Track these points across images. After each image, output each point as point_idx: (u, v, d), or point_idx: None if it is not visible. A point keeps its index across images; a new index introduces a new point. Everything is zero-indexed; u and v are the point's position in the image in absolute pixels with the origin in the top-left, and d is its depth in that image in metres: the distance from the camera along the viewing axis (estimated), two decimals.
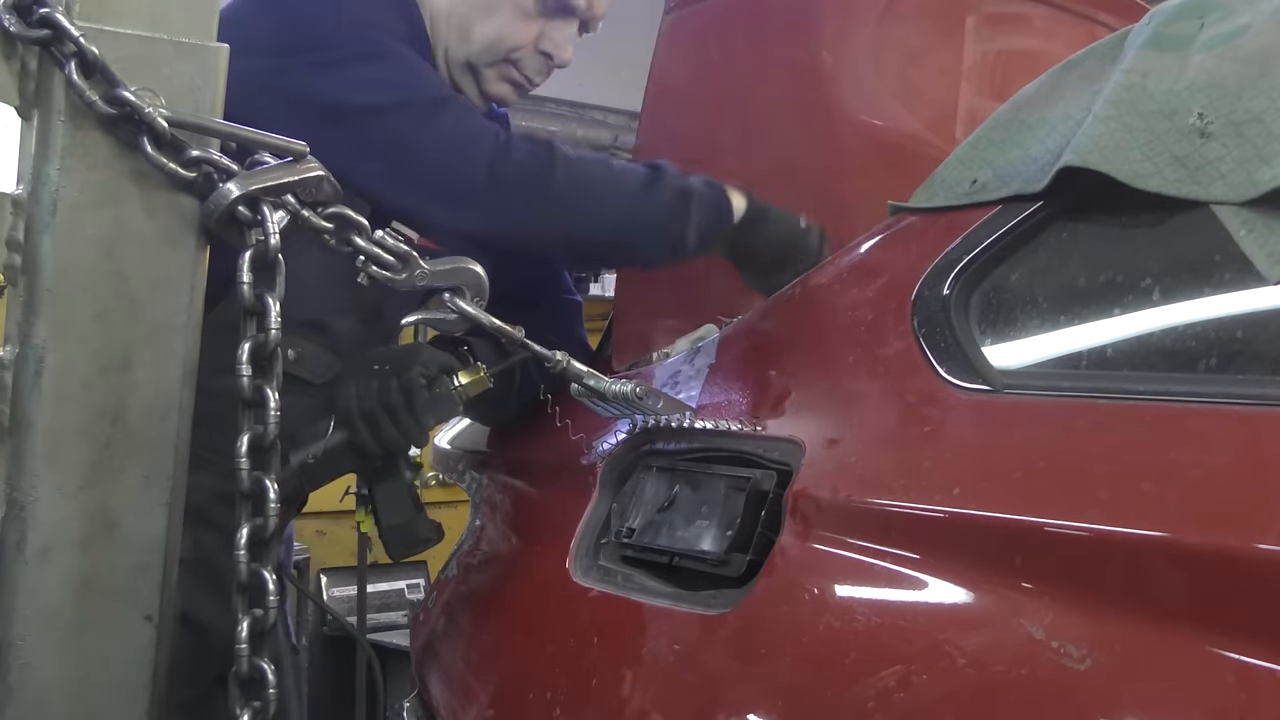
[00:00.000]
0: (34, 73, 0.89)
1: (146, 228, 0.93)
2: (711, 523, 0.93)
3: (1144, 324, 0.82)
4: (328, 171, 0.98)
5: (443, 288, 1.08)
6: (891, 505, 0.80)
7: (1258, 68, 0.81)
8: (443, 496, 3.99)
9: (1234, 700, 0.57)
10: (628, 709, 0.90)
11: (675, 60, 1.62)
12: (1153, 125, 0.84)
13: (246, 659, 0.95)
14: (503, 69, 1.45)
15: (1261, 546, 0.58)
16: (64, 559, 0.92)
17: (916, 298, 0.93)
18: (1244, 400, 0.68)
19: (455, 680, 1.22)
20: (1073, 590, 0.66)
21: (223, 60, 0.94)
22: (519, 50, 1.44)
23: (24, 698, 0.91)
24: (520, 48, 1.43)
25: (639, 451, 1.09)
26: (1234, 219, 0.77)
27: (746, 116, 1.64)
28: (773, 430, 0.96)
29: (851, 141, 1.58)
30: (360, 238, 1.01)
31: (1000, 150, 0.98)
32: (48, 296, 0.90)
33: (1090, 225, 0.91)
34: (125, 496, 0.93)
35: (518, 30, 1.42)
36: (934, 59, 1.61)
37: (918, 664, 0.71)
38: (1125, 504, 0.66)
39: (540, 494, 1.27)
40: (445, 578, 1.42)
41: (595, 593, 1.01)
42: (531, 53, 1.44)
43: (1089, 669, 0.63)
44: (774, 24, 1.60)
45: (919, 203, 1.03)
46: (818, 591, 0.81)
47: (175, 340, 0.95)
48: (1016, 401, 0.80)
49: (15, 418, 0.90)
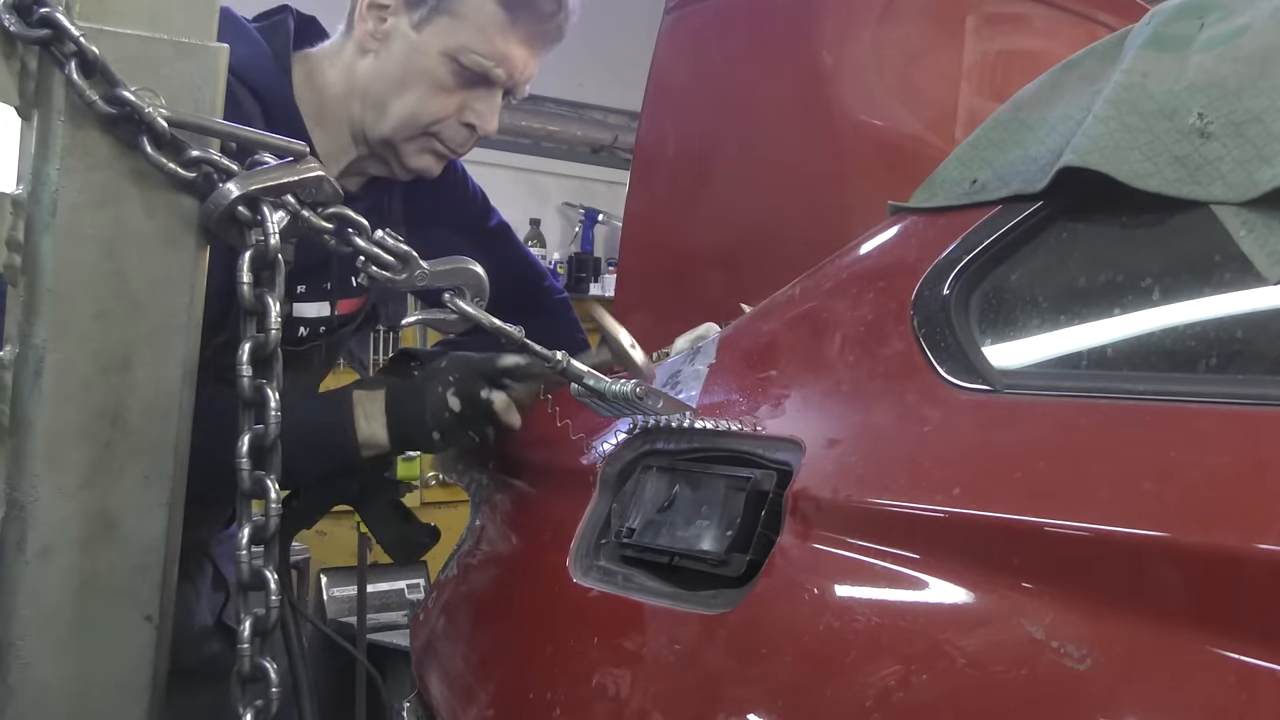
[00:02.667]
0: (34, 73, 0.89)
1: (146, 228, 0.92)
2: (711, 523, 0.93)
3: (1144, 324, 0.82)
4: (326, 172, 0.98)
5: (443, 288, 1.09)
6: (891, 505, 0.80)
7: (1258, 68, 0.81)
8: (443, 496, 4.00)
9: (1234, 700, 0.57)
10: (628, 709, 0.90)
11: (675, 60, 1.63)
12: (1153, 125, 0.84)
13: (249, 657, 0.95)
14: (424, 142, 1.41)
15: (1261, 546, 0.58)
16: (64, 559, 0.92)
17: (916, 298, 0.93)
18: (1244, 400, 0.68)
19: (455, 680, 1.22)
20: (1073, 590, 0.66)
21: (223, 60, 0.94)
22: (440, 123, 1.40)
23: (24, 698, 0.91)
24: (441, 120, 1.39)
25: (639, 451, 1.09)
26: (1234, 219, 0.77)
27: (746, 116, 1.64)
28: (773, 430, 0.96)
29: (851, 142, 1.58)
30: (360, 238, 1.01)
31: (1000, 150, 0.98)
32: (48, 296, 0.90)
33: (1090, 225, 0.91)
34: (125, 496, 0.93)
35: (436, 104, 1.38)
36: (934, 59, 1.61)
37: (918, 664, 0.71)
38: (1125, 504, 0.66)
39: (540, 494, 1.27)
40: (445, 578, 1.42)
41: (595, 593, 1.01)
42: (454, 125, 1.40)
43: (1089, 669, 0.63)
44: (774, 24, 1.60)
45: (919, 203, 1.03)
46: (818, 591, 0.81)
47: (175, 340, 0.95)
48: (1016, 401, 0.80)
49: (15, 418, 0.90)
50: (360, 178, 1.49)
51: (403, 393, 1.29)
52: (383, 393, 1.29)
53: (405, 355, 1.55)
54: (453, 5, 1.35)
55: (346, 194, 1.44)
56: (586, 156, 5.13)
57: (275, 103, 1.34)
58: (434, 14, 1.35)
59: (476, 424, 1.27)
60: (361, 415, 1.28)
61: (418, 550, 1.44)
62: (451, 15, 1.35)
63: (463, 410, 1.25)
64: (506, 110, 1.49)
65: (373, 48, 1.39)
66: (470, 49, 1.36)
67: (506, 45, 1.37)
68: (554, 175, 5.02)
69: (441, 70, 1.36)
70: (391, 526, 1.43)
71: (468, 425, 1.26)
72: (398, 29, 1.37)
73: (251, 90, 1.31)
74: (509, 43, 1.37)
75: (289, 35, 1.40)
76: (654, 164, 1.69)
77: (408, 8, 1.36)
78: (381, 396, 1.29)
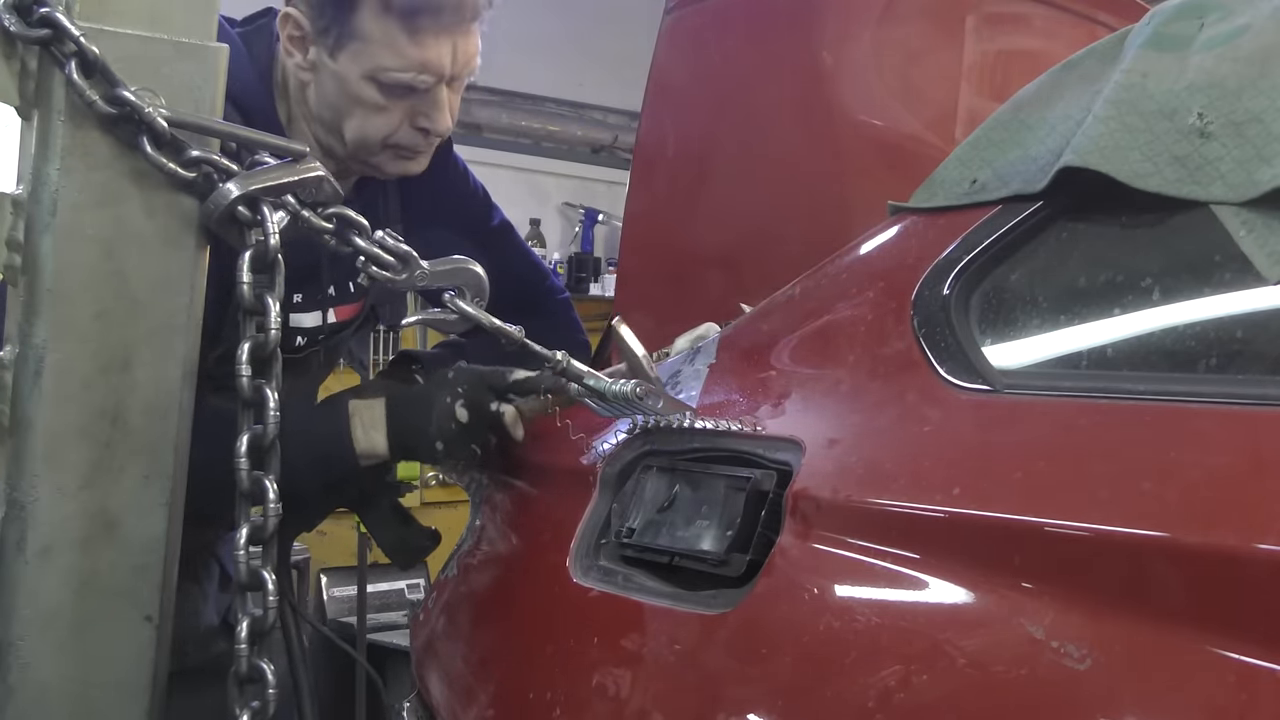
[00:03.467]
0: (34, 73, 0.89)
1: (146, 228, 0.93)
2: (711, 523, 0.93)
3: (1144, 324, 0.82)
4: (327, 172, 0.98)
5: (443, 288, 1.09)
6: (891, 505, 0.80)
7: (1258, 68, 0.81)
8: (443, 496, 4.00)
9: (1234, 700, 0.57)
10: (628, 709, 0.90)
11: (675, 60, 1.62)
12: (1153, 125, 0.84)
13: (246, 659, 0.95)
14: (388, 153, 1.40)
15: (1261, 546, 0.58)
16: (64, 559, 0.92)
17: (916, 298, 0.93)
18: (1244, 400, 0.68)
19: (455, 680, 1.22)
20: (1073, 590, 0.66)
21: (223, 60, 0.94)
22: (392, 136, 1.38)
23: (24, 698, 0.91)
24: (390, 133, 1.37)
25: (639, 451, 1.09)
26: (1234, 219, 0.77)
27: (746, 116, 1.64)
28: (773, 430, 0.96)
29: (851, 142, 1.58)
30: (360, 238, 1.01)
31: (1000, 150, 0.98)
32: (48, 296, 0.90)
33: (1090, 225, 0.91)
34: (125, 496, 0.93)
35: (380, 122, 1.36)
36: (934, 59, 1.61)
37: (918, 664, 0.71)
38: (1125, 504, 0.66)
39: (540, 494, 1.27)
40: (445, 578, 1.42)
41: (595, 593, 1.01)
42: (408, 131, 1.38)
43: (1089, 669, 0.62)
44: (774, 24, 1.60)
45: (919, 203, 1.03)
46: (818, 591, 0.81)
47: (175, 340, 0.95)
48: (1016, 401, 0.80)
49: (15, 418, 0.90)
50: (348, 180, 1.48)
51: (405, 402, 1.28)
52: (382, 401, 1.28)
53: (406, 358, 1.54)
54: (354, 29, 1.31)
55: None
56: (586, 156, 5.13)
57: (254, 109, 1.32)
58: (341, 40, 1.32)
59: (481, 436, 1.26)
60: (359, 425, 1.27)
61: (418, 554, 1.44)
62: (356, 38, 1.32)
63: (470, 422, 1.24)
64: (504, 109, 1.49)
65: (306, 79, 1.37)
66: (385, 67, 1.32)
67: (419, 51, 1.32)
68: (554, 175, 5.02)
69: (368, 92, 1.34)
70: (392, 530, 1.43)
71: (473, 437, 1.25)
72: (319, 60, 1.35)
73: (230, 98, 1.30)
74: (421, 48, 1.32)
75: (273, 38, 1.39)
76: (654, 164, 1.69)
77: (319, 38, 1.33)
78: (381, 405, 1.27)
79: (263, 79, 1.37)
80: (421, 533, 1.44)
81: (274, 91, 1.38)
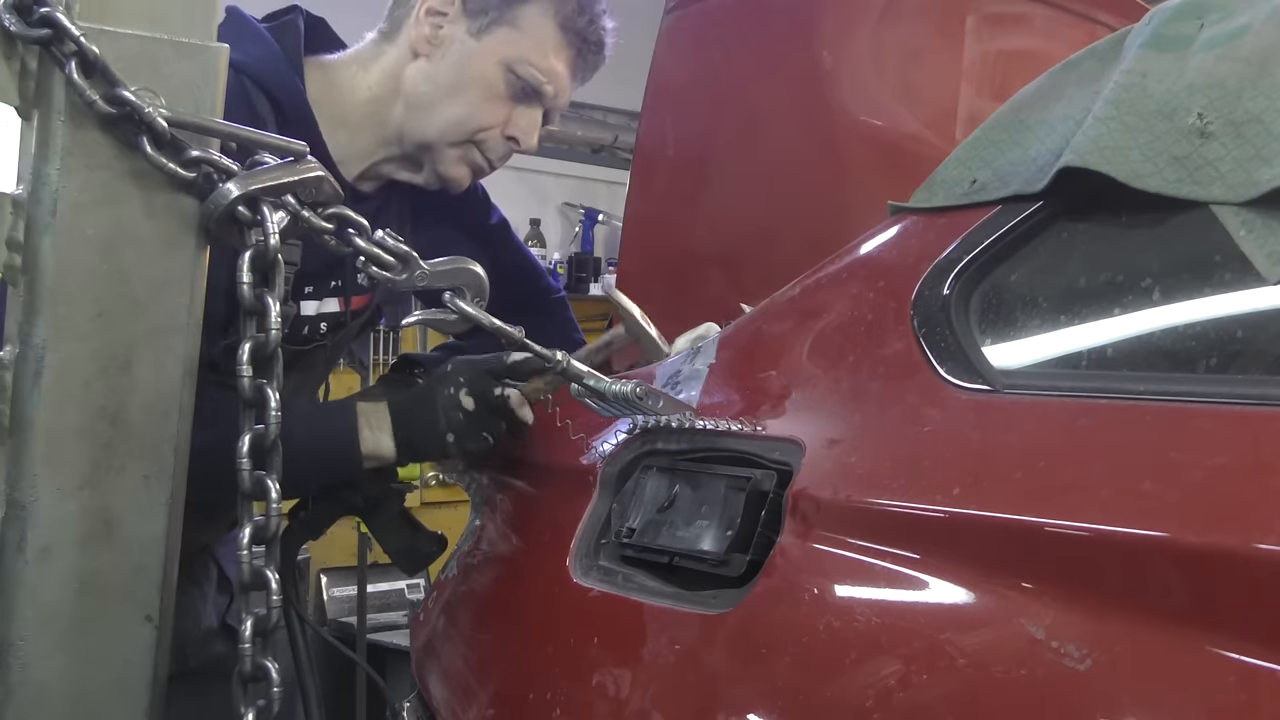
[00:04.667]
0: (34, 72, 0.89)
1: (146, 228, 0.92)
2: (711, 523, 0.93)
3: (1144, 324, 0.82)
4: (327, 172, 0.98)
5: (443, 288, 1.09)
6: (891, 505, 0.80)
7: (1258, 68, 0.81)
8: (443, 496, 3.99)
9: (1234, 700, 0.57)
10: (628, 709, 0.90)
11: (675, 60, 1.63)
12: (1152, 125, 0.84)
13: (250, 658, 0.95)
14: (465, 150, 1.44)
15: (1261, 546, 0.58)
16: (64, 559, 0.92)
17: (916, 298, 0.93)
18: (1244, 400, 0.68)
19: (455, 680, 1.22)
20: (1073, 590, 0.66)
21: (223, 60, 0.94)
22: (485, 132, 1.43)
23: (24, 698, 0.91)
24: (487, 129, 1.43)
25: (639, 451, 1.09)
26: (1234, 219, 0.77)
27: (746, 116, 1.64)
28: (773, 430, 0.96)
29: (851, 141, 1.58)
30: (360, 238, 1.01)
31: (1000, 150, 0.98)
32: (48, 296, 0.89)
33: (1090, 225, 0.91)
34: (125, 496, 0.93)
35: (486, 112, 1.42)
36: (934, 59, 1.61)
37: (918, 664, 0.71)
38: (1125, 504, 0.66)
39: (540, 494, 1.27)
40: (445, 578, 1.42)
41: (595, 593, 1.01)
42: (497, 136, 1.44)
43: (1089, 669, 0.63)
44: (774, 24, 1.60)
45: (919, 203, 1.03)
46: (818, 591, 0.81)
47: (175, 340, 0.95)
48: (1016, 401, 0.80)
49: (15, 418, 0.90)
50: (377, 181, 1.49)
51: (409, 402, 1.29)
52: (385, 404, 1.29)
53: (407, 361, 1.55)
54: (514, 19, 1.40)
55: (358, 195, 1.44)
56: (586, 156, 5.13)
57: (289, 103, 1.35)
58: (495, 24, 1.40)
59: (490, 423, 1.26)
60: (366, 426, 1.28)
61: (425, 560, 1.44)
62: (512, 27, 1.40)
63: (476, 409, 1.25)
64: None
65: (425, 52, 1.42)
66: (527, 61, 1.41)
67: (559, 64, 1.43)
68: (554, 175, 5.02)
69: (496, 78, 1.41)
70: (399, 536, 1.43)
71: (482, 425, 1.26)
72: (455, 36, 1.41)
73: (264, 90, 1.32)
74: (561, 62, 1.44)
75: (299, 35, 1.41)
76: (654, 164, 1.70)
77: (467, 16, 1.41)
78: (385, 408, 1.29)
79: (296, 73, 1.39)
80: (429, 539, 1.44)
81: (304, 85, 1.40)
